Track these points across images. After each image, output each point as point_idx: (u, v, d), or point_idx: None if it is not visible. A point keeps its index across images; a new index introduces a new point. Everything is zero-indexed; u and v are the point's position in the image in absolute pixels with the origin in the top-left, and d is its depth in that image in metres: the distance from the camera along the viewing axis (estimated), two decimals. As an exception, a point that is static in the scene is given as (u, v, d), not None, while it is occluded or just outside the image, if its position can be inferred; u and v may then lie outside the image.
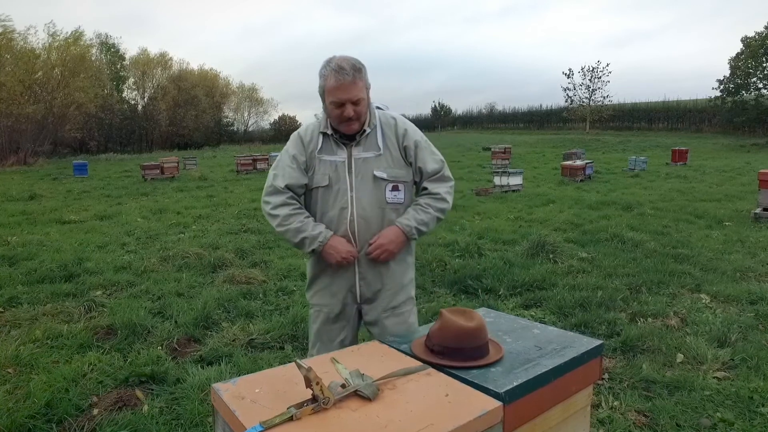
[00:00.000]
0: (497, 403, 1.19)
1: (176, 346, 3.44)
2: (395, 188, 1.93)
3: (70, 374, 2.92)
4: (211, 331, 3.68)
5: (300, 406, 1.12)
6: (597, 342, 1.54)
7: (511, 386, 1.25)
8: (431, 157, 2.00)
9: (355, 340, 2.07)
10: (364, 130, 1.93)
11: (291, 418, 1.09)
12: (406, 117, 2.09)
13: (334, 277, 1.97)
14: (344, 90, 1.81)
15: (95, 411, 2.62)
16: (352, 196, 1.90)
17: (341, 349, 1.61)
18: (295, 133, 2.03)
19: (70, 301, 4.29)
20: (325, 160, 1.93)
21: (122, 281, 4.83)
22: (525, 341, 1.55)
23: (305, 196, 2.00)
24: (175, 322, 3.80)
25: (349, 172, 1.91)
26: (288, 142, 2.02)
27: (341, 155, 1.92)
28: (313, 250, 1.91)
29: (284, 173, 1.94)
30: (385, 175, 1.91)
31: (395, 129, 1.98)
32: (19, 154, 25.14)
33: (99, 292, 4.53)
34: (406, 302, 2.06)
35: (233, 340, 3.46)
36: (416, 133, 2.00)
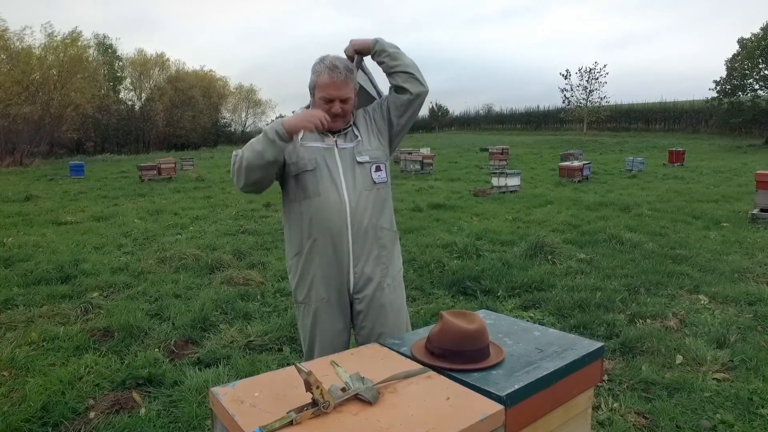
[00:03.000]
0: (499, 407, 1.18)
1: (174, 348, 3.42)
2: (378, 168, 2.00)
3: (67, 377, 2.90)
4: (208, 333, 3.66)
5: (300, 410, 1.11)
6: (598, 344, 1.53)
7: (512, 389, 1.24)
8: None
9: (349, 334, 2.06)
10: (349, 125, 2.01)
11: (291, 423, 1.07)
12: None
13: (326, 268, 1.95)
14: (336, 87, 1.89)
15: (92, 414, 2.60)
16: (341, 179, 1.93)
17: (341, 352, 1.59)
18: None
19: (67, 303, 4.27)
20: (310, 146, 1.95)
21: (119, 283, 4.81)
22: (526, 343, 1.54)
23: (288, 183, 1.98)
24: (173, 323, 3.78)
25: (340, 157, 1.96)
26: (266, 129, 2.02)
27: (328, 142, 1.97)
28: (280, 136, 1.79)
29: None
30: (367, 158, 1.98)
31: (365, 110, 2.09)
32: (15, 155, 25.08)
33: (96, 294, 4.50)
34: (398, 285, 2.07)
35: (231, 342, 3.44)
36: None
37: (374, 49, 1.99)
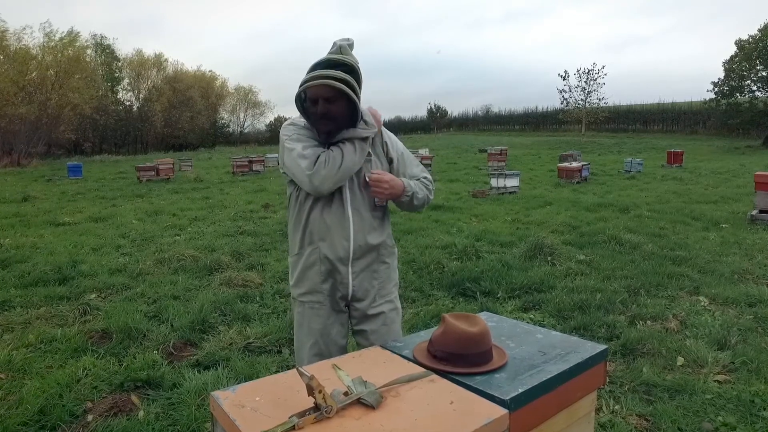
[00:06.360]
0: (503, 411, 1.16)
1: (172, 350, 3.40)
2: None
3: (64, 379, 2.88)
4: (207, 335, 3.64)
5: (302, 414, 1.09)
6: (601, 347, 1.52)
7: (516, 393, 1.23)
8: (415, 162, 2.12)
9: (346, 335, 2.05)
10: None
11: (293, 428, 1.06)
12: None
13: (325, 276, 1.94)
14: (318, 86, 1.77)
15: (90, 417, 2.58)
16: (347, 195, 1.92)
17: (342, 356, 1.58)
18: (296, 124, 1.96)
19: (64, 305, 4.25)
20: None
21: (117, 284, 4.79)
22: (528, 346, 1.52)
23: (298, 190, 1.95)
24: (171, 325, 3.76)
25: None
26: (292, 131, 1.93)
27: None
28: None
29: (309, 143, 1.89)
30: None
31: (382, 137, 2.03)
32: (12, 156, 25.05)
33: (93, 295, 4.48)
34: (393, 303, 2.06)
35: (230, 344, 3.43)
36: (399, 142, 2.11)
37: (401, 199, 1.97)
